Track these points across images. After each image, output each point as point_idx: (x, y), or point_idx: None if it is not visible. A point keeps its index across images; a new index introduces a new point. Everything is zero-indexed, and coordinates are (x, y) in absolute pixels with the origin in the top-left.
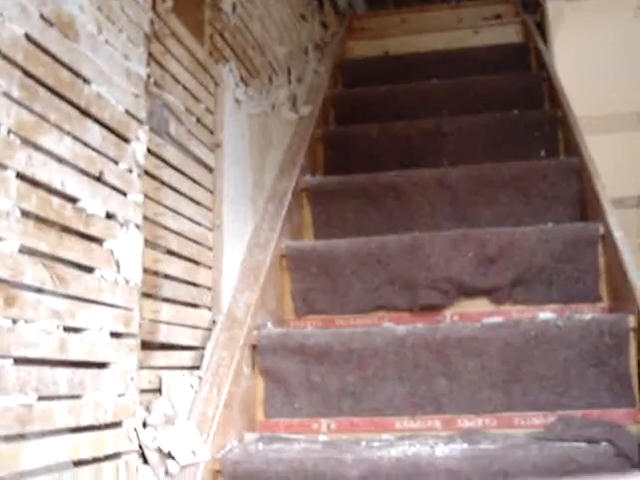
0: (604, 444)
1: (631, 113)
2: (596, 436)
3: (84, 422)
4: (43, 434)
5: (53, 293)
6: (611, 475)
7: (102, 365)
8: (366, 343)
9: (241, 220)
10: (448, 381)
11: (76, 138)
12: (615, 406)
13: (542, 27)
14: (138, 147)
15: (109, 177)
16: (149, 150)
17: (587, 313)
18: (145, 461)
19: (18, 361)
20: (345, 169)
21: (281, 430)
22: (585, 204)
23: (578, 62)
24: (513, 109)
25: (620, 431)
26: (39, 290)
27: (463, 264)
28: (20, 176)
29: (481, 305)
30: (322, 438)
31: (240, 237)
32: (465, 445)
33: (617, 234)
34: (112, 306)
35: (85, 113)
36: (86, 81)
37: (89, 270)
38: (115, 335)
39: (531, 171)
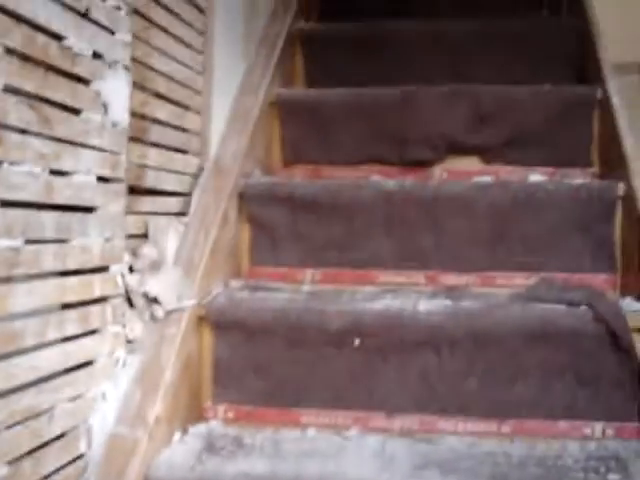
0: (583, 308)
1: None
2: (576, 299)
3: (71, 266)
4: (31, 277)
5: (39, 135)
6: None
7: (89, 209)
8: (354, 196)
9: (232, 64)
10: (434, 238)
11: None
12: (596, 271)
13: None
14: None
15: (96, 14)
16: None
17: (577, 178)
18: (131, 305)
19: (4, 204)
20: (342, 15)
21: (266, 278)
22: (585, 67)
23: None
24: None
25: (600, 296)
26: (24, 131)
27: (456, 120)
28: (2, 10)
29: (471, 163)
30: (306, 288)
31: (230, 82)
32: (448, 302)
33: (615, 100)
34: (99, 149)
35: None
36: None
37: (75, 112)
38: (102, 179)
39: (531, 29)
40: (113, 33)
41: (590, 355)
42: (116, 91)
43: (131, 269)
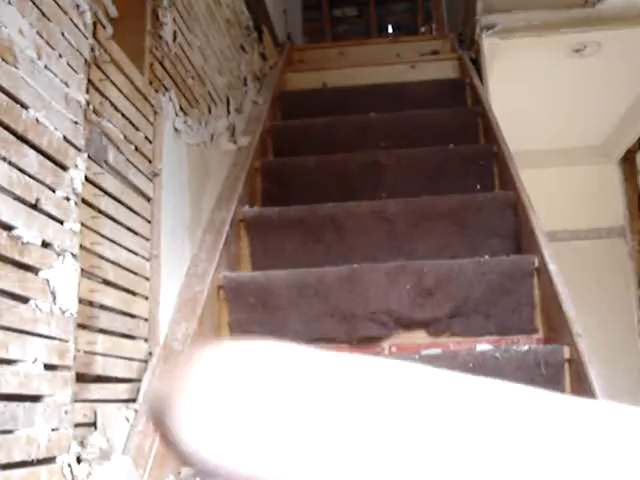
0: None
1: (563, 149)
2: None
3: (16, 458)
4: None
5: None
6: None
7: (35, 398)
8: None
9: (179, 250)
10: None
11: (12, 164)
12: None
13: (477, 63)
14: (76, 175)
15: (46, 205)
16: (87, 178)
17: (523, 344)
18: None
19: None
20: (283, 200)
21: None
22: (520, 237)
23: (512, 98)
24: (449, 143)
25: None
26: None
27: (401, 296)
28: None
29: (419, 337)
30: None
31: (178, 267)
32: None
33: (552, 267)
34: (47, 337)
35: (22, 139)
36: (24, 106)
37: (24, 300)
38: (49, 367)
39: (467, 204)
40: (62, 223)
41: None
42: (64, 279)
43: (79, 459)
